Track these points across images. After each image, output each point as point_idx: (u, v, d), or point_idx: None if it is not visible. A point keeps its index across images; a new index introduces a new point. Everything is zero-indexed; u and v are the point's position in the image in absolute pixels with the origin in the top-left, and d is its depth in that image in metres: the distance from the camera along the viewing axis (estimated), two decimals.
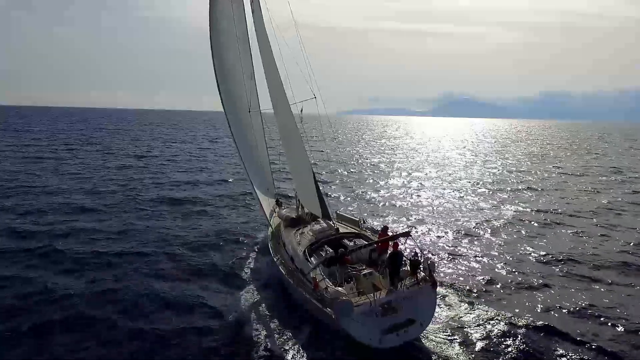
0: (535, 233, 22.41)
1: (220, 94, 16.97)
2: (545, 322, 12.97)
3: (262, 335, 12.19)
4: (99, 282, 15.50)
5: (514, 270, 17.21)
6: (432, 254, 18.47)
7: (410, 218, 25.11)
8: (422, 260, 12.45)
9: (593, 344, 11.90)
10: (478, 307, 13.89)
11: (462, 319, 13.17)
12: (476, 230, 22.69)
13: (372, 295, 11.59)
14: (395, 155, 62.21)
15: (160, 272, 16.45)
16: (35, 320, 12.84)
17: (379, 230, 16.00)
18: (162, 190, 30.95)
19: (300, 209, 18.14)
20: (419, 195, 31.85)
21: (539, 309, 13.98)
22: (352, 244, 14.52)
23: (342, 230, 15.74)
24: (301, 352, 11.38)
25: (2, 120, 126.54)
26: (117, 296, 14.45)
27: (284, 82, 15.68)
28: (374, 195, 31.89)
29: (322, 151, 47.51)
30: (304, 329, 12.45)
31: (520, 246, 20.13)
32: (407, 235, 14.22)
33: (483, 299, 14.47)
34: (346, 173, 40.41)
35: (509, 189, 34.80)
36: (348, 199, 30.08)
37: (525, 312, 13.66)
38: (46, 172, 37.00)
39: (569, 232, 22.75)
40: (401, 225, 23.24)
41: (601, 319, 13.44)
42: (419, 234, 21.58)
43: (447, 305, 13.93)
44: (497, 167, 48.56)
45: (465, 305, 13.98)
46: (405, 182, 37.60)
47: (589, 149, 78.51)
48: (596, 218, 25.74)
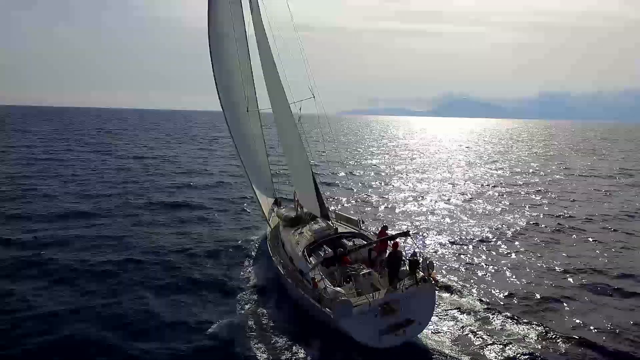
0: (536, 233, 22.36)
1: (218, 93, 16.93)
2: (545, 323, 12.93)
3: (260, 336, 12.14)
4: (89, 296, 14.41)
5: (514, 270, 17.19)
6: (431, 254, 18.44)
7: (409, 218, 25.06)
8: (421, 260, 12.41)
9: (595, 346, 11.85)
10: (477, 307, 13.85)
11: (461, 319, 13.14)
12: (476, 230, 22.65)
13: (371, 295, 11.57)
14: (395, 155, 62.21)
15: (156, 283, 15.54)
16: (20, 343, 11.54)
17: (378, 230, 15.97)
18: (160, 194, 30.08)
19: (299, 209, 18.10)
20: (418, 196, 31.81)
21: (538, 309, 13.92)
22: (351, 243, 14.50)
23: (341, 230, 15.69)
24: (300, 352, 11.34)
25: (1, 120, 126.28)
26: (110, 312, 13.35)
27: (282, 81, 15.64)
28: (373, 195, 31.85)
29: (323, 152, 47.40)
30: (303, 329, 12.42)
31: (520, 246, 20.10)
32: (406, 235, 14.21)
33: (482, 299, 14.42)
34: (344, 174, 40.31)
35: (512, 190, 34.40)
36: (347, 198, 30.03)
37: (524, 313, 13.62)
38: (40, 175, 35.94)
39: (571, 234, 22.43)
40: (400, 224, 23.19)
41: (600, 319, 13.43)
42: (418, 233, 21.53)
43: (445, 306, 13.89)
44: (501, 168, 47.76)
45: (464, 306, 13.94)
46: (405, 183, 37.59)
47: (594, 150, 77.79)
48: (610, 223, 24.66)
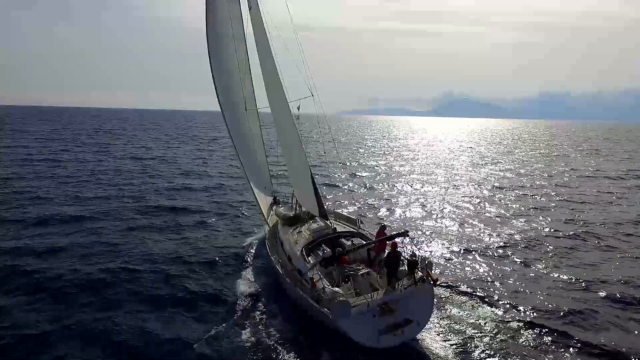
0: (538, 234, 22.10)
1: (217, 92, 16.87)
2: (545, 323, 12.86)
3: (259, 336, 12.08)
4: (80, 310, 13.20)
5: (513, 270, 17.11)
6: (430, 254, 18.36)
7: (409, 218, 24.99)
8: (419, 260, 12.37)
9: (595, 347, 11.81)
10: (476, 307, 13.80)
11: (460, 319, 13.08)
12: (476, 230, 22.56)
13: (369, 295, 11.52)
14: (397, 156, 62.09)
15: (151, 293, 14.62)
16: None
17: (376, 230, 15.91)
18: (157, 197, 29.01)
19: (297, 207, 18.04)
20: (419, 196, 31.72)
21: (538, 309, 13.81)
22: (349, 243, 14.46)
23: (339, 229, 15.65)
24: (298, 352, 11.28)
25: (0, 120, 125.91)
26: (102, 329, 12.27)
27: (281, 81, 15.56)
28: (374, 195, 31.79)
29: (323, 154, 47.23)
30: (301, 329, 12.37)
31: (521, 247, 19.97)
32: (405, 235, 14.14)
33: (481, 299, 14.35)
34: (345, 175, 40.26)
35: (517, 191, 33.62)
36: (348, 199, 29.95)
37: (524, 313, 13.55)
38: (34, 176, 34.53)
39: (583, 239, 21.38)
40: (400, 224, 23.13)
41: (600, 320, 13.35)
42: (416, 233, 21.46)
43: (444, 306, 13.82)
44: (508, 169, 46.62)
45: (463, 306, 13.88)
46: (406, 183, 37.46)
47: (597, 150, 76.90)
48: (624, 227, 23.38)
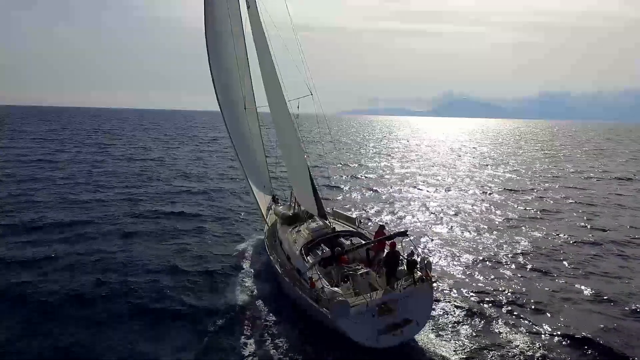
0: (539, 234, 22.00)
1: (216, 91, 16.82)
2: (544, 323, 12.85)
3: (258, 335, 12.05)
4: (66, 334, 12.02)
5: (513, 270, 17.07)
6: (429, 254, 18.33)
7: (409, 218, 24.93)
8: (418, 260, 12.34)
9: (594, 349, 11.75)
10: (475, 307, 13.76)
11: (459, 319, 13.06)
12: (476, 231, 22.51)
13: (368, 295, 11.49)
14: (396, 155, 62.07)
15: (149, 298, 14.07)
16: None
17: (375, 229, 15.86)
18: (154, 201, 27.61)
19: (296, 206, 17.99)
20: (419, 196, 31.69)
21: (537, 309, 13.79)
22: (348, 242, 14.42)
23: (338, 228, 15.60)
24: (297, 352, 11.25)
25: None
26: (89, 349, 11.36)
27: (281, 80, 15.51)
28: (373, 195, 31.74)
29: (323, 155, 47.20)
30: (300, 329, 12.36)
31: (521, 247, 19.91)
32: (404, 234, 14.12)
33: (480, 299, 14.32)
34: (346, 176, 40.21)
35: (520, 192, 33.07)
36: (346, 198, 29.95)
37: (523, 313, 13.53)
38: (30, 178, 33.43)
39: (592, 242, 20.72)
40: (399, 223, 23.08)
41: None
42: (417, 233, 21.41)
43: (443, 305, 13.80)
44: (509, 171, 45.64)
45: (462, 305, 13.84)
46: (406, 183, 37.44)
47: (602, 150, 76.17)
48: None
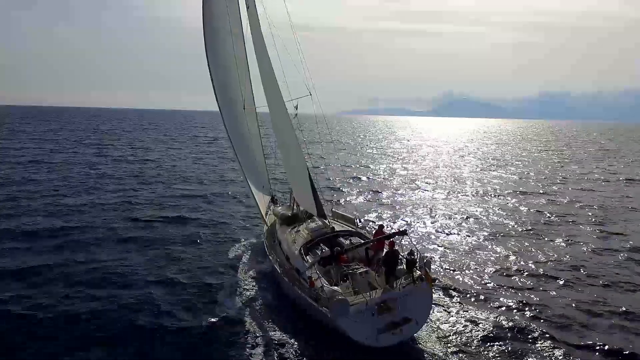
0: (540, 235, 21.83)
1: (214, 91, 16.82)
2: (543, 323, 12.85)
3: (257, 335, 12.02)
4: (52, 350, 11.23)
5: (512, 270, 17.06)
6: (428, 253, 18.34)
7: (408, 218, 24.94)
8: (418, 259, 12.36)
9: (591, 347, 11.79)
10: (474, 306, 13.78)
11: (458, 317, 13.06)
12: (476, 230, 22.52)
13: (368, 294, 11.51)
14: (397, 156, 62.06)
15: (145, 298, 13.70)
16: None
17: (375, 229, 15.89)
18: (150, 205, 26.26)
19: (295, 207, 18.01)
20: (416, 195, 31.75)
21: (536, 309, 13.77)
22: (348, 242, 14.44)
23: (337, 228, 15.63)
24: (297, 351, 11.25)
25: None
26: None
27: (281, 80, 15.54)
28: (373, 196, 31.74)
29: (323, 156, 47.13)
30: (300, 328, 12.34)
31: (521, 247, 19.88)
32: (403, 233, 14.16)
33: (479, 298, 14.35)
34: (344, 176, 40.19)
35: (519, 192, 32.95)
36: (346, 199, 29.96)
37: (523, 312, 13.52)
38: (24, 180, 32.26)
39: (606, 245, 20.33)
40: (397, 223, 23.09)
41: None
42: (417, 233, 21.42)
43: (443, 304, 13.82)
44: (516, 172, 44.74)
45: (461, 304, 13.88)
46: (405, 183, 37.45)
47: (607, 151, 75.86)
48: None
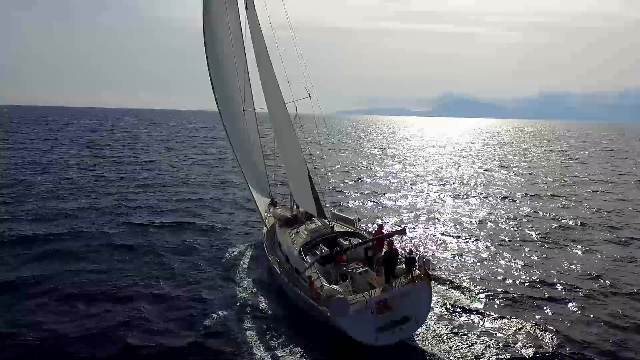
0: (541, 235, 21.80)
1: (214, 92, 16.90)
2: (543, 324, 12.88)
3: (257, 335, 12.10)
4: None
5: (512, 270, 17.13)
6: (428, 252, 18.39)
7: (406, 216, 24.99)
8: (417, 258, 12.43)
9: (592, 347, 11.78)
10: (474, 305, 13.84)
11: (458, 316, 13.12)
12: (475, 230, 22.54)
13: (367, 293, 11.57)
14: (397, 156, 62.01)
15: (143, 299, 13.59)
16: None
17: (374, 229, 15.97)
18: (146, 210, 25.33)
19: (295, 209, 18.09)
20: (416, 195, 31.77)
21: (536, 309, 13.84)
22: (347, 242, 14.50)
23: (337, 229, 15.71)
24: (297, 351, 11.31)
25: None
26: None
27: (280, 82, 15.62)
28: (373, 196, 31.74)
29: (322, 157, 47.02)
30: (300, 328, 12.42)
31: (521, 247, 19.89)
32: (402, 233, 14.23)
33: (479, 297, 14.40)
34: (344, 177, 40.24)
35: (520, 192, 32.80)
36: (346, 200, 29.98)
37: (522, 312, 13.58)
38: (17, 181, 31.34)
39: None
40: (397, 222, 23.15)
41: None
42: (414, 232, 21.46)
43: (442, 303, 13.86)
44: (522, 174, 44.08)
45: (460, 303, 13.92)
46: (404, 182, 37.52)
47: (612, 151, 74.74)
48: None
